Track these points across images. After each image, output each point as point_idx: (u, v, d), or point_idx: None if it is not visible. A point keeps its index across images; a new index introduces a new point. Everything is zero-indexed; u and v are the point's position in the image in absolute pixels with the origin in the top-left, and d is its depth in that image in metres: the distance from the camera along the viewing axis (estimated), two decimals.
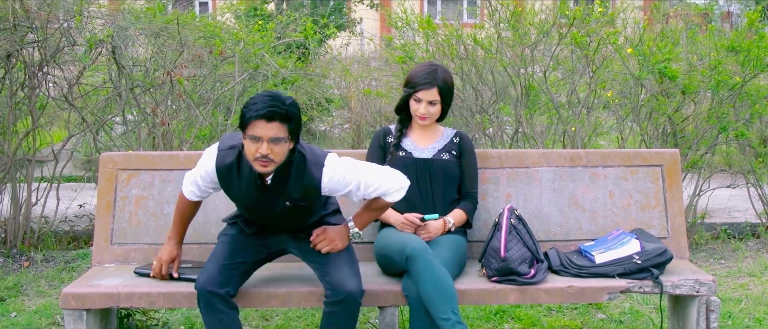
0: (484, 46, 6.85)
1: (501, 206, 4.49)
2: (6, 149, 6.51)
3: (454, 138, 4.54)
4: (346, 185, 3.81)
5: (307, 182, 3.75)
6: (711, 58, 6.68)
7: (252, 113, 3.57)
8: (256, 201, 3.82)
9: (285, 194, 3.76)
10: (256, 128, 3.56)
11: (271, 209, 3.83)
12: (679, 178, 4.78)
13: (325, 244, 3.89)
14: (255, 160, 3.60)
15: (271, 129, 3.56)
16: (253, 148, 3.58)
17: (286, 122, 3.59)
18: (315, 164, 3.75)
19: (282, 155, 3.63)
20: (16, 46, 6.24)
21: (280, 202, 3.79)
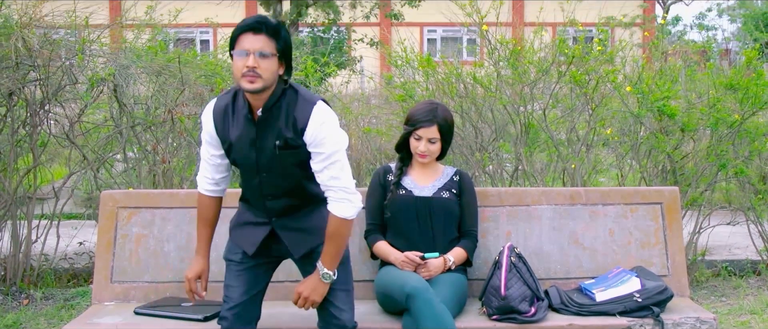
0: (483, 84, 6.88)
1: (501, 244, 4.50)
2: (7, 187, 6.51)
3: (454, 176, 4.56)
4: (325, 139, 3.57)
5: (297, 115, 3.58)
6: (710, 95, 6.71)
7: (239, 28, 3.53)
8: (249, 143, 3.63)
9: (276, 130, 3.59)
10: (243, 41, 3.49)
11: (263, 152, 3.61)
12: (678, 216, 4.78)
13: (301, 303, 3.72)
14: (242, 76, 3.48)
15: (258, 41, 3.48)
16: (241, 63, 3.48)
17: (273, 36, 3.50)
18: (308, 101, 3.62)
19: (270, 73, 3.50)
20: (18, 85, 6.27)
21: (271, 141, 3.59)
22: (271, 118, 3.59)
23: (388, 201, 4.48)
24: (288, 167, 3.63)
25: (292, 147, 3.58)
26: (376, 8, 20.61)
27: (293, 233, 3.75)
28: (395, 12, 20.43)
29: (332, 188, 3.60)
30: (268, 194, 3.69)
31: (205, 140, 3.76)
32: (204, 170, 3.84)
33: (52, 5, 6.63)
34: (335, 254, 3.68)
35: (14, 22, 6.18)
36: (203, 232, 3.91)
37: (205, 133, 3.74)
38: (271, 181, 3.67)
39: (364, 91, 11.00)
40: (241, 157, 3.67)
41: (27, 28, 6.22)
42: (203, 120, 3.75)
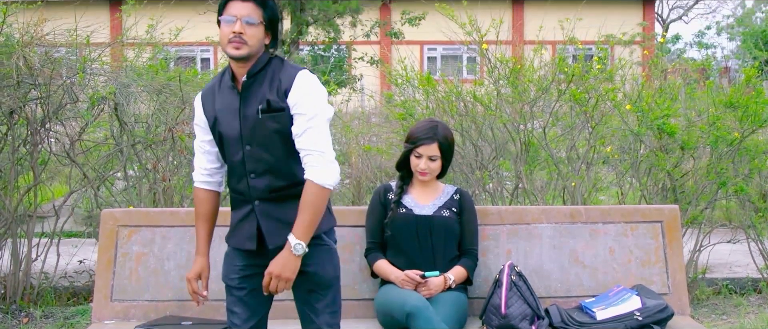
0: (483, 102, 6.90)
1: (501, 263, 4.50)
2: (7, 205, 6.52)
3: (454, 195, 4.57)
4: (308, 101, 3.47)
5: (282, 77, 3.53)
6: (709, 113, 6.72)
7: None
8: (233, 112, 3.54)
9: (260, 95, 3.51)
10: (231, 8, 3.49)
11: (247, 119, 3.50)
12: (679, 234, 4.78)
13: (273, 285, 3.47)
14: (229, 42, 3.46)
15: (245, 8, 3.47)
16: (228, 30, 3.47)
17: (261, 5, 3.50)
18: (293, 67, 3.59)
19: (256, 41, 3.48)
20: (19, 103, 6.28)
21: (254, 107, 3.49)
22: (256, 84, 3.54)
23: (389, 219, 4.49)
24: (270, 135, 3.49)
25: (274, 110, 3.49)
26: (377, 27, 20.65)
27: (273, 222, 3.56)
28: (395, 31, 20.47)
29: (312, 153, 3.45)
30: (251, 170, 3.54)
31: (197, 128, 3.72)
32: (197, 161, 3.76)
33: (54, 24, 6.66)
34: (309, 224, 3.46)
35: (15, 41, 6.21)
36: (201, 229, 3.77)
37: (196, 118, 3.71)
38: (254, 155, 3.53)
39: (364, 109, 11.03)
40: (226, 129, 3.57)
41: (28, 46, 6.25)
42: (194, 106, 3.75)
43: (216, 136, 3.62)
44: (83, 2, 18.93)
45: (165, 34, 8.00)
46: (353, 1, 19.21)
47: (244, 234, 3.62)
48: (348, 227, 4.64)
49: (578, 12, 8.85)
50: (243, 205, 3.61)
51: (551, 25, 8.04)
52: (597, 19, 10.87)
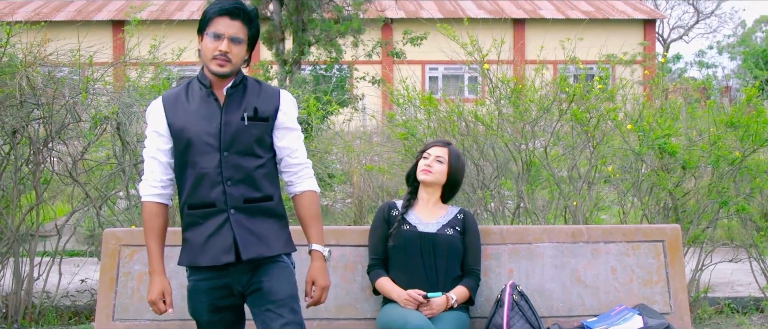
0: (485, 122, 6.91)
1: (503, 283, 4.50)
2: (9, 224, 6.53)
3: (458, 214, 4.58)
4: (295, 116, 3.73)
5: (267, 91, 3.68)
6: (710, 133, 6.73)
7: (215, 9, 3.53)
8: (209, 119, 3.57)
9: (243, 104, 3.61)
10: (218, 24, 3.52)
11: (229, 126, 3.56)
12: (680, 253, 4.78)
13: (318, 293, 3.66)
14: (213, 58, 3.52)
15: (233, 27, 3.52)
16: (213, 46, 3.51)
17: (247, 23, 3.58)
18: (271, 86, 3.74)
19: (239, 59, 3.57)
20: (21, 123, 6.30)
21: (237, 115, 3.58)
22: (237, 94, 3.61)
23: (393, 231, 4.49)
24: (250, 143, 3.58)
25: (260, 119, 3.60)
26: (378, 47, 20.71)
27: (246, 233, 3.58)
28: (397, 51, 20.53)
29: (306, 166, 3.71)
30: (229, 177, 3.55)
31: (152, 136, 3.65)
32: (150, 173, 3.67)
33: (57, 44, 6.69)
34: (322, 232, 3.74)
35: (19, 61, 6.23)
36: (155, 246, 3.72)
37: (152, 126, 3.65)
38: (231, 162, 3.55)
39: (366, 129, 11.06)
40: (201, 134, 3.55)
41: (31, 66, 6.28)
42: (149, 113, 3.69)
43: (181, 143, 3.59)
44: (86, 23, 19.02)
45: (167, 54, 8.02)
46: (355, 22, 19.27)
47: (218, 248, 3.58)
48: (350, 247, 4.66)
49: (579, 32, 8.89)
50: (212, 217, 3.58)
51: (552, 45, 8.07)
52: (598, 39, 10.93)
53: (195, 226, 3.64)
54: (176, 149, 3.62)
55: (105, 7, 29.96)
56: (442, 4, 32.09)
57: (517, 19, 29.03)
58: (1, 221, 6.58)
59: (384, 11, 24.13)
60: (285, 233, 3.70)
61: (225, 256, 3.57)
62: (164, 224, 3.76)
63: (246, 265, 3.60)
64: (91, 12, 28.88)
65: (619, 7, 31.36)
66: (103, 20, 27.11)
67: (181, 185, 3.66)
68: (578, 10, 30.00)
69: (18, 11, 26.92)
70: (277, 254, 3.64)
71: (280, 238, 3.67)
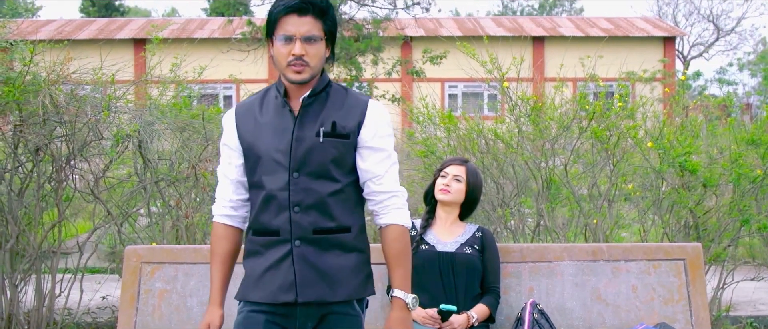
0: (504, 140, 6.92)
1: (523, 301, 4.49)
2: (32, 241, 6.57)
3: (476, 233, 4.58)
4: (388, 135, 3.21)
5: (352, 103, 3.19)
6: (731, 150, 6.71)
7: (281, 8, 3.08)
8: (282, 133, 3.13)
9: (320, 117, 3.13)
10: (287, 25, 3.06)
11: (302, 142, 3.10)
12: (702, 272, 4.76)
13: None
14: (288, 65, 3.07)
15: (305, 24, 3.06)
16: (285, 51, 3.07)
17: (321, 17, 3.10)
18: (360, 94, 3.25)
19: (318, 60, 3.11)
20: (44, 140, 6.36)
21: (313, 129, 3.11)
22: (316, 105, 3.16)
23: (412, 250, 4.48)
24: (325, 163, 3.10)
25: (339, 135, 3.12)
26: (398, 65, 20.77)
27: (309, 270, 3.11)
28: (417, 69, 20.58)
29: (397, 194, 3.19)
30: (297, 202, 3.09)
31: (225, 149, 3.28)
32: (222, 191, 3.29)
33: (79, 63, 6.75)
34: (409, 275, 3.20)
35: (42, 80, 6.29)
36: (218, 272, 3.27)
37: (224, 139, 3.28)
38: (302, 184, 3.09)
39: None
40: (269, 151, 3.13)
41: (54, 85, 6.33)
42: (223, 123, 3.30)
43: (250, 160, 3.19)
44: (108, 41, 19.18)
45: (189, 72, 8.09)
46: (375, 40, 19.35)
47: (277, 284, 3.13)
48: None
49: (599, 50, 8.89)
50: (275, 247, 3.13)
51: (572, 63, 8.08)
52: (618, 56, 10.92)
53: (255, 255, 3.19)
54: (247, 167, 3.21)
55: (127, 26, 30.21)
56: (461, 22, 32.15)
57: (537, 37, 29.02)
58: (24, 238, 6.62)
59: (403, 29, 24.17)
60: (362, 274, 3.20)
61: (283, 295, 3.12)
62: (232, 249, 3.31)
63: (314, 308, 3.14)
64: (113, 31, 29.11)
65: (638, 24, 31.31)
66: (125, 39, 27.32)
67: (252, 206, 3.23)
68: (598, 28, 29.96)
69: (41, 30, 27.19)
70: (344, 300, 3.15)
71: (353, 279, 3.16)
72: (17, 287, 6.60)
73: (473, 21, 32.92)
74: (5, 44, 6.82)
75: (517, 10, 52.10)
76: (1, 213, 6.55)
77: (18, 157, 6.56)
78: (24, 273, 6.62)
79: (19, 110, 6.31)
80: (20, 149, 6.56)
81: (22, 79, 6.17)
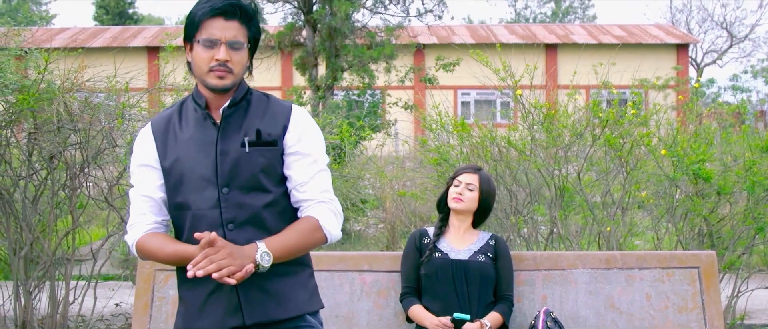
0: (517, 147, 6.91)
1: (537, 309, 4.48)
2: (46, 248, 6.60)
3: (489, 240, 4.57)
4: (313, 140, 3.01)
5: (275, 110, 2.99)
6: (745, 158, 6.68)
7: (206, 10, 2.87)
8: (205, 147, 2.93)
9: (244, 127, 2.94)
10: (211, 28, 2.87)
11: (226, 155, 2.91)
12: (716, 280, 4.74)
13: (206, 263, 2.69)
14: (210, 70, 2.87)
15: (230, 29, 2.87)
16: (207, 56, 2.86)
17: (247, 23, 2.92)
18: (281, 101, 3.06)
19: (241, 68, 2.92)
20: (59, 148, 6.38)
21: (237, 140, 2.92)
22: (237, 114, 2.97)
23: (425, 259, 4.49)
24: (255, 174, 2.91)
25: (265, 143, 2.93)
26: (411, 72, 20.79)
27: (254, 290, 2.91)
28: (430, 76, 20.60)
29: (325, 202, 2.97)
30: (230, 219, 2.90)
31: (142, 170, 3.01)
32: (140, 215, 3.00)
33: (93, 71, 6.78)
34: (288, 247, 2.88)
35: (56, 87, 6.32)
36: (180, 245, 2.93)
37: (140, 159, 3.02)
38: (233, 199, 2.90)
39: (398, 154, 11.08)
40: (193, 167, 2.92)
41: (69, 92, 6.36)
42: (137, 143, 3.05)
43: (171, 179, 2.96)
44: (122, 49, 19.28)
45: None
46: (388, 48, 19.37)
47: (221, 309, 2.93)
48: (383, 272, 4.66)
49: (612, 57, 8.87)
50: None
51: (585, 70, 8.06)
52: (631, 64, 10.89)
53: (191, 282, 2.87)
54: (167, 187, 2.97)
55: (140, 34, 30.35)
56: (474, 30, 32.16)
57: (550, 44, 29.00)
58: (38, 245, 6.65)
59: (416, 37, 24.22)
60: (309, 287, 3.04)
61: (230, 319, 2.92)
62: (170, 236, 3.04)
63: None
64: (127, 38, 29.25)
65: (652, 32, 31.25)
66: (139, 47, 27.43)
67: (177, 231, 3.01)
68: (611, 35, 29.92)
69: (56, 38, 27.36)
70: (296, 315, 2.98)
71: (301, 294, 3.00)
72: (31, 294, 6.62)
73: (486, 28, 32.92)
74: (20, 52, 6.86)
75: (530, 18, 52.07)
76: (15, 220, 6.58)
77: (32, 164, 6.60)
78: (38, 280, 6.65)
79: (33, 117, 6.35)
80: (34, 156, 6.59)
81: (37, 87, 6.20)
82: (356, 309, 4.63)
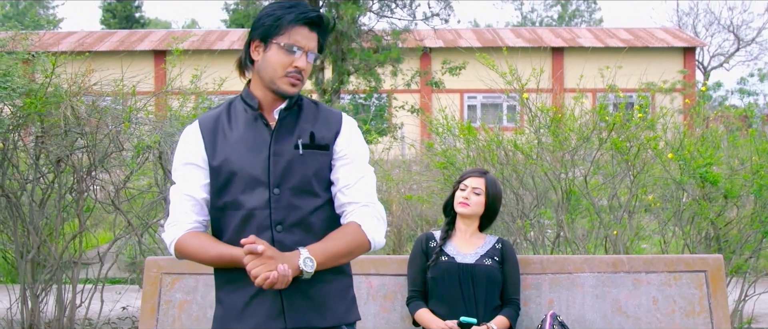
0: (524, 151, 6.91)
1: (543, 313, 4.47)
2: (53, 251, 6.61)
3: (496, 244, 4.56)
4: (360, 148, 3.04)
5: (327, 113, 3.03)
6: (753, 161, 6.67)
7: (294, 16, 2.89)
8: (258, 148, 2.93)
9: (297, 130, 2.95)
10: (297, 34, 2.88)
11: (280, 157, 2.91)
12: (723, 284, 4.73)
13: (261, 269, 2.70)
14: (286, 75, 2.88)
15: (312, 40, 2.91)
16: (287, 60, 2.88)
17: (323, 37, 2.97)
18: (331, 108, 3.09)
19: (307, 76, 2.97)
20: (66, 151, 6.40)
21: (290, 143, 2.93)
22: (290, 117, 2.98)
23: (432, 263, 4.48)
24: (307, 177, 2.92)
25: (318, 147, 2.95)
26: (417, 76, 20.81)
27: (298, 295, 2.91)
28: (436, 80, 20.61)
29: (368, 205, 2.97)
30: (279, 220, 2.89)
31: (188, 168, 2.98)
32: (183, 214, 2.96)
33: (101, 74, 6.80)
34: (332, 254, 2.86)
35: (64, 91, 6.34)
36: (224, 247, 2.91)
37: (186, 157, 2.98)
38: (283, 200, 2.89)
39: (404, 157, 11.07)
40: (244, 167, 2.91)
41: (76, 96, 6.38)
42: (184, 140, 3.02)
43: (220, 178, 2.94)
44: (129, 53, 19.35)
45: (209, 83, 8.12)
46: (394, 51, 19.39)
47: (263, 312, 2.91)
48: (389, 276, 4.66)
49: (618, 60, 8.88)
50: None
51: (591, 74, 8.06)
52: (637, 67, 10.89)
53: (233, 284, 2.93)
54: (214, 186, 2.96)
55: (147, 38, 30.41)
56: (480, 33, 32.15)
57: (556, 47, 28.99)
58: (45, 248, 6.67)
59: (423, 41, 24.24)
60: (348, 298, 3.04)
61: (272, 323, 2.90)
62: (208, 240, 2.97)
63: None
64: (134, 42, 29.30)
65: (658, 35, 31.21)
66: (146, 50, 27.49)
67: (219, 230, 2.98)
68: (617, 39, 29.90)
69: (63, 42, 27.43)
70: (333, 325, 2.97)
71: (340, 304, 3.00)
72: (38, 297, 6.64)
73: (492, 32, 32.92)
74: (28, 56, 6.88)
75: (537, 21, 52.05)
76: (22, 224, 6.60)
77: (39, 168, 6.62)
78: (45, 283, 6.66)
79: (40, 121, 6.37)
80: (42, 160, 6.61)
81: (44, 90, 6.22)
82: (363, 312, 4.61)
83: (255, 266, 2.71)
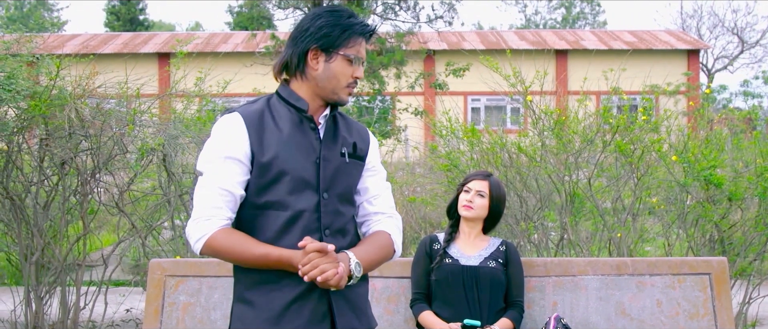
0: (528, 153, 6.90)
1: (547, 315, 4.47)
2: (57, 254, 6.62)
3: (500, 246, 4.56)
4: (381, 164, 3.15)
5: (355, 125, 3.08)
6: (757, 164, 6.66)
7: (360, 28, 2.93)
8: (306, 152, 2.89)
9: (340, 138, 2.98)
10: (359, 46, 2.92)
11: (328, 162, 2.92)
12: (727, 286, 4.72)
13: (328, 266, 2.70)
14: (348, 85, 2.92)
15: (365, 51, 2.98)
16: (349, 71, 2.91)
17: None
18: (356, 121, 3.15)
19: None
20: (70, 154, 6.41)
21: (335, 149, 2.95)
22: (331, 125, 2.99)
23: (435, 265, 4.48)
24: (350, 185, 2.98)
25: (358, 157, 3.01)
26: (421, 78, 20.80)
27: (341, 299, 2.91)
28: (440, 82, 20.60)
29: (393, 216, 3.07)
30: (327, 225, 2.89)
31: (229, 162, 2.85)
32: (217, 209, 2.82)
33: (105, 77, 6.80)
34: (371, 260, 2.92)
35: (68, 94, 6.35)
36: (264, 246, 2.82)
37: (227, 150, 2.85)
38: (331, 205, 2.90)
39: (408, 160, 11.08)
40: (295, 167, 2.86)
41: (80, 99, 6.39)
42: (224, 131, 2.88)
43: (268, 176, 2.85)
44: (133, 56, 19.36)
45: (213, 86, 8.13)
46: (398, 54, 19.38)
47: (306, 315, 2.86)
48: (393, 278, 4.66)
49: (622, 63, 8.85)
50: (298, 275, 2.76)
51: (595, 76, 8.05)
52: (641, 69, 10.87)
53: (268, 285, 2.86)
54: (257, 183, 2.86)
55: (151, 40, 30.42)
56: (484, 36, 32.15)
57: (560, 50, 28.96)
58: (49, 250, 6.67)
59: (426, 43, 24.22)
60: (370, 303, 3.10)
61: (316, 326, 2.87)
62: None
63: None
64: (138, 45, 29.32)
65: (662, 37, 31.18)
66: (150, 53, 27.49)
67: (255, 229, 2.87)
68: (621, 41, 29.87)
69: (67, 44, 27.46)
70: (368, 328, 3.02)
71: (369, 308, 3.07)
72: (42, 299, 6.64)
73: (496, 34, 32.92)
74: (32, 59, 6.89)
75: (540, 24, 52.03)
76: (26, 226, 6.61)
77: (44, 170, 6.63)
78: (49, 285, 6.67)
79: (45, 123, 6.38)
80: (46, 162, 6.62)
81: (49, 93, 6.23)
82: None
83: (320, 263, 2.71)
